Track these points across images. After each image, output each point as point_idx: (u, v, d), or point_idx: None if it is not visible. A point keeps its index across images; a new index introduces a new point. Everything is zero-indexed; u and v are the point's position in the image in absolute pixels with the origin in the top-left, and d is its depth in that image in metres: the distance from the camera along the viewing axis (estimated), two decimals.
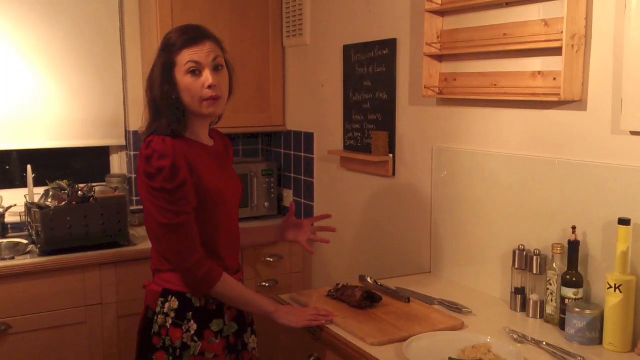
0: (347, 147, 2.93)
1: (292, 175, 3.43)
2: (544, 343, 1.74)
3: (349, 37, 2.87)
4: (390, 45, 2.60)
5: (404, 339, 1.74)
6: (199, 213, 1.78)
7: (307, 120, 3.28)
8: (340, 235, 3.04)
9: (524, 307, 2.03)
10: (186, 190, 1.74)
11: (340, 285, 2.13)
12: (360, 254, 2.92)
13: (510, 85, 2.06)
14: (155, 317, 1.82)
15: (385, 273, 2.62)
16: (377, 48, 2.68)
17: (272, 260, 3.17)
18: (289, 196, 3.47)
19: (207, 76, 1.77)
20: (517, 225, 2.09)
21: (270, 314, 1.88)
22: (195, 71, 1.77)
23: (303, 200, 3.35)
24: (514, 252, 2.03)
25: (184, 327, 1.80)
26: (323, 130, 3.14)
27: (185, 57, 1.76)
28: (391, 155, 2.64)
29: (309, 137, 3.25)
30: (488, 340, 1.71)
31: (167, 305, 1.81)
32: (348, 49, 2.87)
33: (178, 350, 1.79)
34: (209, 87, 1.77)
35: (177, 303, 1.81)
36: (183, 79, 1.77)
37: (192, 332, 1.81)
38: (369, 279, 2.23)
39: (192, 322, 1.81)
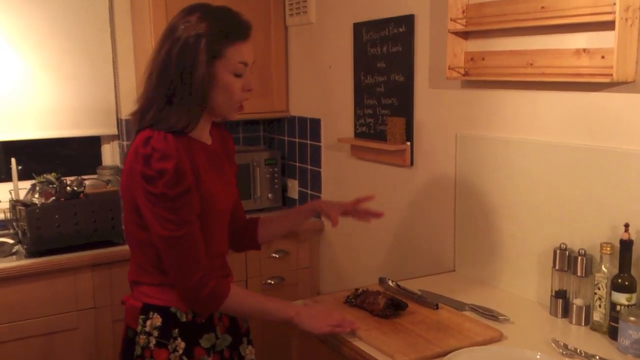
0: (358, 135, 2.71)
1: (297, 164, 3.21)
2: (597, 358, 1.54)
3: (360, 14, 2.63)
4: (407, 22, 2.37)
5: (439, 356, 1.55)
6: None
7: (312, 106, 3.05)
8: (352, 229, 2.83)
9: (565, 313, 1.82)
10: (190, 197, 1.51)
11: (359, 291, 1.91)
12: (373, 250, 2.71)
13: (549, 65, 1.84)
14: (137, 338, 1.59)
15: (402, 272, 2.41)
16: (392, 25, 2.44)
17: (277, 256, 2.96)
18: (293, 186, 3.25)
19: (250, 79, 1.57)
20: (557, 221, 1.88)
21: (290, 320, 1.64)
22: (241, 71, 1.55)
23: (309, 191, 3.13)
24: (555, 252, 1.82)
25: (169, 347, 1.57)
26: (331, 116, 2.92)
27: (238, 55, 1.53)
28: (409, 143, 2.42)
29: (315, 123, 3.02)
30: (538, 357, 1.50)
31: (148, 323, 1.58)
32: (359, 27, 2.63)
33: None
34: (248, 90, 1.57)
35: (161, 319, 1.58)
36: (226, 77, 1.53)
37: (180, 351, 1.57)
38: (390, 282, 2.02)
39: (179, 339, 1.58)
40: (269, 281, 2.96)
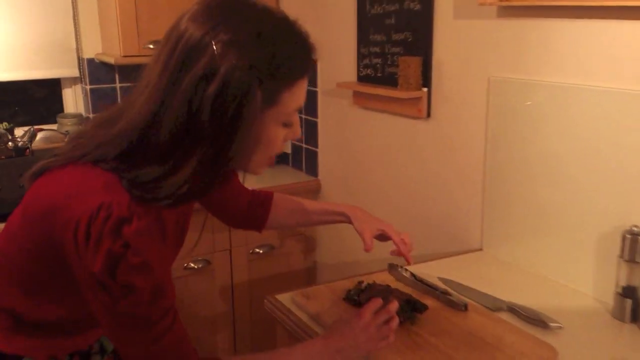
0: (362, 79, 2.22)
1: None
2: None
3: None
4: None
5: None
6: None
7: None
8: (356, 194, 2.38)
9: (635, 316, 1.39)
10: (173, 312, 1.01)
11: (364, 284, 1.48)
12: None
13: None
14: None
15: (417, 252, 1.94)
16: None
17: None
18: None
19: (298, 124, 1.06)
20: (626, 195, 1.42)
21: None
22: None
23: (304, 145, 2.67)
24: (624, 237, 1.37)
25: None
26: (329, 55, 2.42)
27: (295, 99, 1.00)
28: (425, 90, 1.94)
29: None
30: None
31: None
32: None
33: None
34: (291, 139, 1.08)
35: None
36: (273, 129, 1.01)
37: None
38: (403, 272, 1.58)
39: None
40: (257, 250, 2.54)
